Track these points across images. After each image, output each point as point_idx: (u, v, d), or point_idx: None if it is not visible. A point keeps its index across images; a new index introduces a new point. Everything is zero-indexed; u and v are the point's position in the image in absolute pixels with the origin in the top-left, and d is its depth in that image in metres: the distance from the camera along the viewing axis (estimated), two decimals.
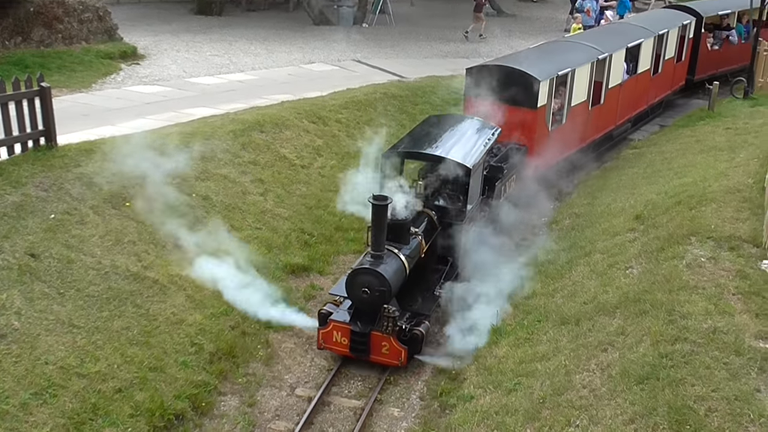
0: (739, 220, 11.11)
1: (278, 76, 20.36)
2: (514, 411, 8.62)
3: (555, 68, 15.84)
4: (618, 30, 20.25)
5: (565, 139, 16.27)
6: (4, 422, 7.73)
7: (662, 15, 23.38)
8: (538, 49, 18.11)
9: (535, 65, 15.63)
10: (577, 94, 16.54)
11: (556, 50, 17.79)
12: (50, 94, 11.25)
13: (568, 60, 16.47)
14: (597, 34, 20.12)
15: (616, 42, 18.31)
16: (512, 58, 16.70)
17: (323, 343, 10.59)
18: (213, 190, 12.71)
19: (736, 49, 24.48)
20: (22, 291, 9.13)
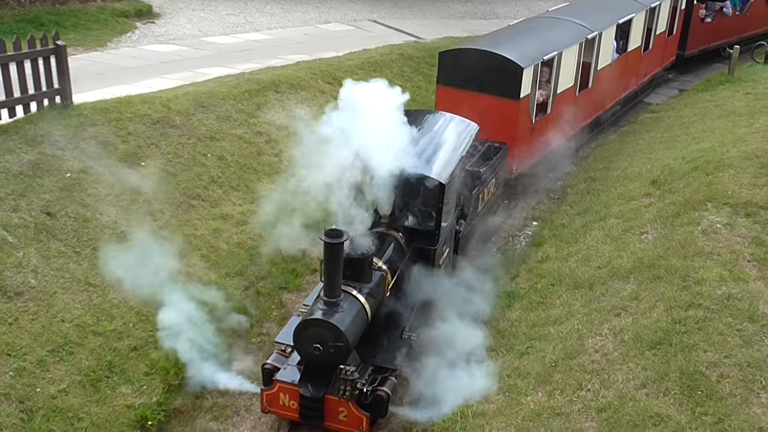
0: (756, 186, 11.02)
1: (294, 36, 20.23)
2: (525, 374, 8.66)
3: (539, 52, 13.91)
4: (607, 3, 17.84)
5: (550, 131, 14.63)
6: (21, 378, 7.85)
7: None
8: (519, 28, 15.88)
9: (517, 49, 13.70)
10: (564, 79, 14.79)
11: (539, 29, 15.57)
12: (66, 52, 11.23)
13: (553, 41, 14.61)
14: (584, 7, 17.60)
15: (605, 18, 16.40)
16: (491, 39, 14.75)
17: (267, 406, 8.65)
18: (228, 150, 12.70)
19: (729, 22, 22.68)
20: (39, 249, 9.20)
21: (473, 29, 22.94)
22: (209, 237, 11.03)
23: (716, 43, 22.65)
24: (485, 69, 13.30)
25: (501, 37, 14.83)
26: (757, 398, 7.22)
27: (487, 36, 15.52)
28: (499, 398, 8.46)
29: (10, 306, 8.41)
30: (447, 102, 13.37)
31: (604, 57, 16.29)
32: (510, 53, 13.30)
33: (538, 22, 16.38)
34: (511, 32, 15.42)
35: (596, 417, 7.56)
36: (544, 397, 8.14)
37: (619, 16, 16.72)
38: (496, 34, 15.38)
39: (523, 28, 15.87)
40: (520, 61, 13.16)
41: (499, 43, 13.99)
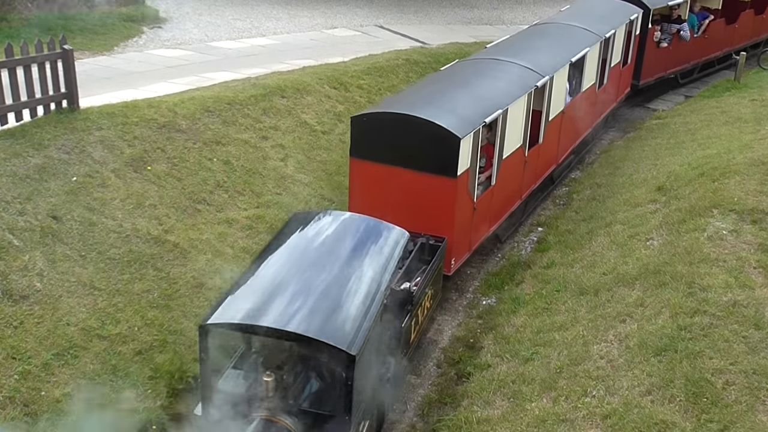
0: (762, 192, 11.00)
1: (300, 41, 20.26)
2: (530, 380, 8.65)
3: (479, 112, 11.03)
4: (557, 36, 15.26)
5: (497, 207, 12.11)
6: (26, 381, 7.86)
7: (604, 7, 17.70)
8: (453, 79, 12.55)
9: (451, 111, 10.90)
10: (511, 140, 11.93)
11: (478, 79, 12.44)
12: (73, 56, 11.25)
13: (496, 95, 11.78)
14: (530, 43, 14.77)
15: (556, 56, 13.87)
16: (416, 98, 11.53)
17: None
18: (234, 155, 12.72)
19: (687, 46, 20.21)
20: (45, 253, 9.22)
21: (479, 35, 22.97)
22: (215, 241, 11.04)
23: (673, 69, 20.43)
24: (412, 139, 10.52)
25: (431, 95, 11.67)
26: (762, 405, 7.20)
27: (414, 91, 12.27)
28: (503, 404, 8.46)
29: (15, 309, 8.43)
30: (364, 181, 10.94)
31: (557, 104, 13.69)
32: (443, 119, 10.48)
33: (476, 67, 13.16)
34: (443, 86, 12.20)
35: (601, 424, 7.54)
36: (549, 404, 8.12)
37: (572, 53, 14.23)
38: (424, 90, 12.11)
39: (458, 78, 12.57)
40: (456, 128, 10.33)
41: (429, 104, 11.05)
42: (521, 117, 12.15)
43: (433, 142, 10.34)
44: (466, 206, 10.96)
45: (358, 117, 10.95)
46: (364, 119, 10.85)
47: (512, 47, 14.25)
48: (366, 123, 10.84)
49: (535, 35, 15.51)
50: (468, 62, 13.68)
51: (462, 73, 12.75)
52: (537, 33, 15.74)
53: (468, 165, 10.67)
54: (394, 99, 12.24)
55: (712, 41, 21.31)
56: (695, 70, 21.47)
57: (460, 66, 13.42)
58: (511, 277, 11.74)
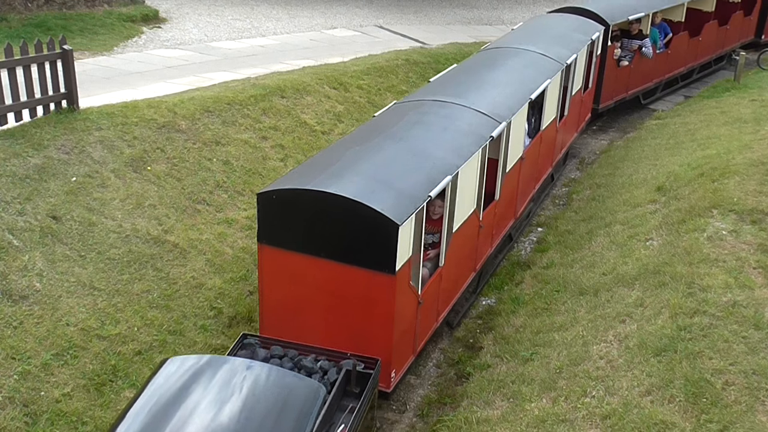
0: (762, 193, 11.01)
1: (300, 41, 20.27)
2: (530, 380, 8.65)
3: (422, 181, 8.58)
4: (512, 66, 12.81)
5: (445, 291, 9.69)
6: (26, 382, 7.86)
7: (564, 27, 15.61)
8: (386, 129, 9.82)
9: (386, 183, 8.39)
10: (462, 208, 9.61)
11: (418, 129, 9.86)
12: (72, 56, 11.25)
13: (442, 152, 9.32)
14: (481, 76, 12.10)
15: (513, 94, 11.54)
16: (341, 165, 8.75)
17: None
18: (233, 155, 12.72)
19: (649, 63, 18.64)
20: (44, 253, 9.22)
21: (479, 35, 22.99)
22: (214, 241, 11.04)
23: (635, 89, 18.80)
24: (337, 224, 8.15)
25: (361, 158, 8.89)
26: (762, 406, 7.20)
27: (339, 152, 9.20)
28: (503, 404, 8.46)
29: (15, 309, 8.43)
30: (277, 275, 8.58)
31: (515, 151, 11.42)
32: (376, 198, 7.99)
33: (418, 112, 10.41)
34: (376, 142, 9.39)
35: (601, 424, 7.54)
36: (549, 404, 8.12)
37: (531, 87, 11.95)
38: (351, 151, 9.11)
39: (395, 130, 9.78)
40: (393, 211, 7.87)
41: (358, 174, 8.49)
42: (474, 178, 9.86)
43: (364, 230, 7.97)
44: (409, 304, 8.49)
45: (266, 194, 8.35)
46: (274, 197, 8.30)
47: (459, 83, 11.70)
48: (277, 202, 8.33)
49: (485, 66, 12.79)
50: (408, 105, 10.79)
51: (400, 123, 10.03)
52: (488, 63, 12.99)
53: (410, 254, 8.21)
54: (312, 164, 8.97)
55: (676, 56, 19.84)
56: (658, 89, 20.15)
57: (399, 111, 10.55)
58: (510, 277, 11.74)
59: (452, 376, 9.73)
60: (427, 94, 11.24)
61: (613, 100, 18.08)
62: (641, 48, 18.05)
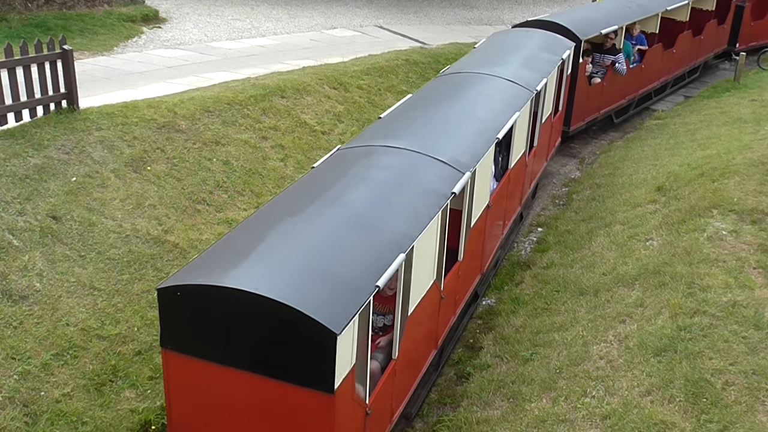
0: (762, 193, 11.01)
1: (300, 42, 20.27)
2: (530, 380, 8.64)
3: (369, 268, 6.67)
4: (474, 97, 11.05)
5: (399, 386, 7.86)
6: (26, 382, 7.86)
7: (532, 45, 13.97)
8: (321, 191, 7.83)
9: (320, 272, 6.49)
10: (419, 285, 7.77)
11: (362, 188, 7.92)
12: (72, 56, 11.25)
13: (393, 222, 7.40)
14: (438, 111, 10.29)
15: (477, 134, 9.76)
16: (262, 248, 6.87)
17: None
18: (233, 155, 12.72)
19: (622, 80, 17.42)
20: (44, 253, 9.21)
21: (479, 35, 22.98)
22: (214, 241, 11.03)
23: (607, 108, 17.49)
24: (260, 329, 6.27)
25: (287, 238, 6.88)
26: (762, 406, 7.20)
27: (259, 228, 7.18)
28: (503, 404, 8.46)
29: (15, 309, 8.43)
30: (188, 386, 6.71)
31: (480, 201, 9.66)
32: (310, 299, 6.08)
33: (363, 164, 8.42)
34: (309, 210, 7.40)
35: (601, 424, 7.54)
36: (549, 404, 8.12)
37: (498, 123, 10.17)
38: (277, 226, 7.13)
39: (333, 192, 7.74)
40: (330, 317, 5.98)
41: (286, 261, 6.57)
42: (434, 246, 8.07)
43: (293, 339, 6.11)
44: (353, 420, 6.79)
45: (168, 291, 6.35)
46: (179, 294, 6.33)
47: (414, 121, 9.86)
48: (183, 300, 6.37)
49: (445, 98, 10.93)
50: (355, 153, 8.72)
51: (343, 180, 8.01)
52: (448, 93, 11.13)
53: (352, 362, 6.40)
54: (231, 244, 6.92)
55: (650, 70, 18.71)
56: (631, 106, 18.83)
57: (343, 162, 8.52)
58: (510, 277, 11.74)
59: (452, 376, 9.72)
60: (377, 136, 9.18)
61: (585, 121, 16.77)
62: (614, 64, 16.89)
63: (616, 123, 18.47)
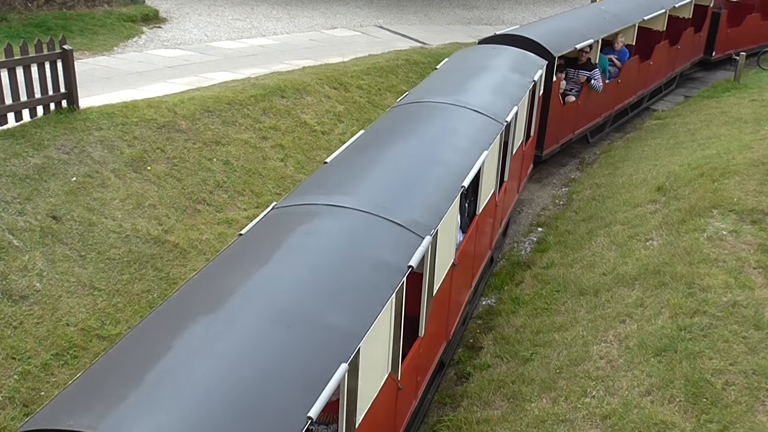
0: (762, 193, 11.00)
1: (300, 42, 20.27)
2: (530, 380, 8.64)
3: (297, 406, 4.82)
4: (435, 134, 9.41)
5: None
6: (26, 382, 7.86)
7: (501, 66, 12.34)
8: (237, 283, 5.92)
9: (235, 425, 4.52)
10: (367, 389, 6.06)
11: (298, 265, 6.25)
12: (72, 56, 11.26)
13: (328, 338, 5.51)
14: (392, 155, 8.64)
15: (440, 185, 8.15)
16: (156, 388, 4.70)
17: None
18: (233, 155, 12.72)
19: (597, 97, 16.05)
20: (44, 253, 9.22)
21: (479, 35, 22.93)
22: (214, 241, 11.04)
23: (582, 128, 16.29)
24: None
25: (195, 380, 4.79)
26: (762, 406, 7.20)
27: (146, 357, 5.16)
28: (503, 404, 8.45)
29: (15, 309, 8.43)
30: None
31: (443, 264, 8.06)
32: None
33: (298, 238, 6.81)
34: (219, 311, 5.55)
35: (601, 424, 7.54)
36: (549, 404, 8.12)
37: (464, 167, 8.60)
38: (180, 373, 4.87)
39: (255, 283, 5.99)
40: None
41: (189, 396, 4.69)
42: (386, 339, 6.50)
43: None
44: None
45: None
46: None
47: (363, 168, 8.23)
48: None
49: (399, 136, 9.26)
50: (291, 214, 7.16)
51: (272, 255, 6.46)
52: (403, 130, 9.51)
53: None
54: (117, 363, 5.10)
55: (626, 84, 17.41)
56: (607, 123, 17.61)
57: (273, 228, 7.00)
58: (510, 277, 11.73)
59: (452, 376, 9.72)
60: (321, 190, 7.56)
61: (559, 143, 15.50)
62: (590, 80, 15.46)
63: (591, 142, 17.33)
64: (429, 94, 10.78)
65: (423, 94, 10.86)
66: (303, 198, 7.44)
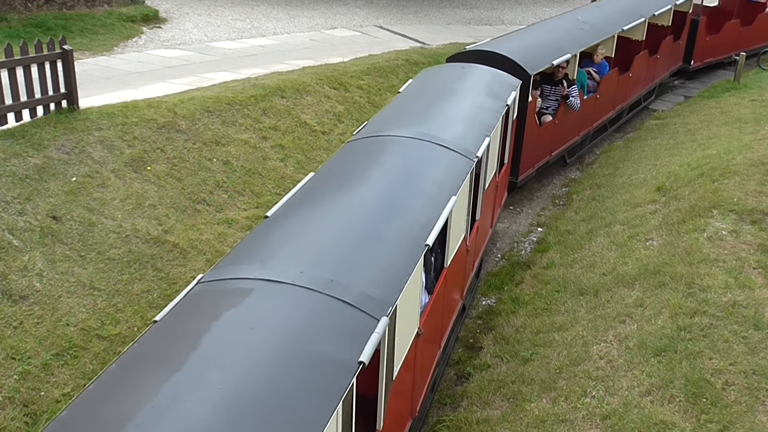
0: (762, 193, 11.00)
1: (300, 42, 20.27)
2: (530, 380, 8.64)
3: None
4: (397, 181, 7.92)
5: None
6: (26, 382, 7.86)
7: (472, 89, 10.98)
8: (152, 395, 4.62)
9: None
10: None
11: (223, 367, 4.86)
12: (72, 56, 11.26)
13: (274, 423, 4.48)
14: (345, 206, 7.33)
15: (400, 249, 6.74)
16: None
17: None
18: (233, 155, 12.72)
19: (574, 115, 14.90)
20: (44, 253, 9.21)
21: (479, 35, 22.97)
22: (214, 241, 11.04)
23: (559, 149, 15.14)
24: None
25: None
26: (762, 406, 7.20)
27: None
28: (503, 405, 8.46)
29: (15, 309, 8.43)
30: None
31: (404, 340, 6.73)
32: None
33: (216, 346, 5.15)
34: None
35: (601, 424, 7.54)
36: (549, 404, 8.12)
37: (428, 219, 7.26)
38: None
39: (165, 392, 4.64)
40: None
41: None
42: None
43: None
44: None
45: None
46: None
47: (306, 226, 6.84)
48: None
49: (352, 182, 7.85)
50: (210, 293, 5.94)
51: (176, 378, 4.82)
52: (357, 173, 8.12)
53: None
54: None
55: (605, 99, 16.36)
56: (586, 141, 16.54)
57: (182, 326, 5.62)
58: (510, 277, 11.74)
59: (452, 376, 9.72)
60: (257, 258, 6.23)
61: (535, 167, 14.33)
62: (567, 98, 14.39)
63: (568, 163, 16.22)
64: (389, 125, 9.37)
65: (382, 125, 9.44)
66: (235, 269, 6.06)
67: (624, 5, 17.50)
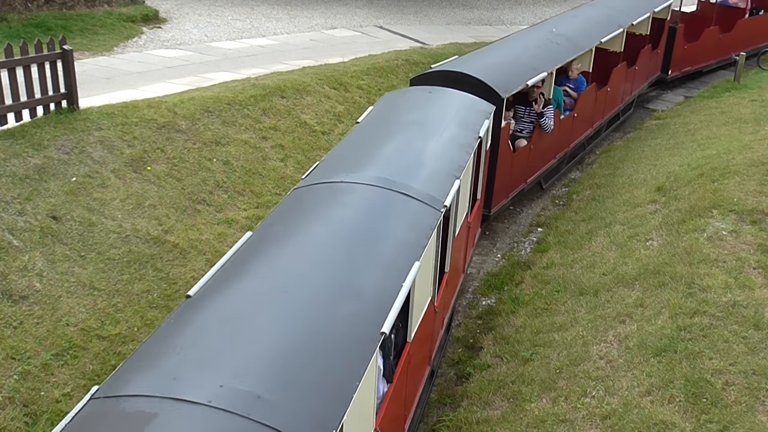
0: (762, 193, 11.01)
1: (300, 42, 20.26)
2: (530, 380, 8.64)
3: None
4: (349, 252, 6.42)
5: None
6: (26, 382, 7.86)
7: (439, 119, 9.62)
8: None
9: None
10: None
11: None
12: (72, 56, 11.25)
13: None
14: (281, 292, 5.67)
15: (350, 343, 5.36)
16: None
17: None
18: (233, 155, 12.72)
19: (549, 137, 13.78)
20: (44, 253, 9.21)
21: (479, 35, 22.98)
22: (214, 242, 11.04)
23: (535, 175, 14.02)
24: None
25: None
26: (762, 406, 7.20)
27: None
28: (503, 405, 8.46)
29: (15, 309, 8.43)
30: None
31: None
32: None
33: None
34: None
35: (601, 424, 7.54)
36: (549, 404, 8.12)
37: (388, 294, 6.01)
38: None
39: None
40: None
41: None
42: None
43: None
44: None
45: None
46: None
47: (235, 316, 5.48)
48: None
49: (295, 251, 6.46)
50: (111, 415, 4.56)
51: None
52: (302, 237, 6.71)
53: None
54: None
55: (582, 117, 15.33)
56: (563, 162, 15.46)
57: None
58: (510, 277, 11.73)
59: (452, 376, 9.73)
60: (162, 370, 4.97)
61: (509, 197, 13.24)
62: (542, 116, 13.28)
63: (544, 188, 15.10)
64: (343, 167, 8.01)
65: (336, 167, 8.08)
66: (138, 379, 4.92)
67: (600, 14, 16.55)
